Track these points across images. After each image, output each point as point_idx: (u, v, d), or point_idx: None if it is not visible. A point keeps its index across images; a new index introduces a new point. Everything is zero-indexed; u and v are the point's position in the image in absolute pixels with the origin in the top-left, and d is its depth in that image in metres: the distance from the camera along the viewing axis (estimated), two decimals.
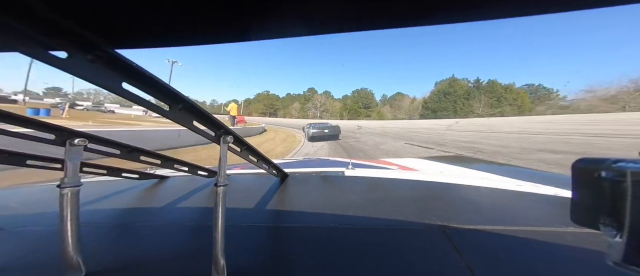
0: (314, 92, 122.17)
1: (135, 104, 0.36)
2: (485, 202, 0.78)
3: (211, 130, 0.48)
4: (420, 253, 0.50)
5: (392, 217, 0.64)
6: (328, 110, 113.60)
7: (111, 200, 0.84)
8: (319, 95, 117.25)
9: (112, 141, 0.55)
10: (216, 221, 0.42)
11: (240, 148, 0.60)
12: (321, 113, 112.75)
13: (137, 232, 0.62)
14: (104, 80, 0.28)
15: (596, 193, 0.23)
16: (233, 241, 0.53)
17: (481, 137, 14.40)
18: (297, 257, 0.49)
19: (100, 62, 0.26)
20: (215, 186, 0.44)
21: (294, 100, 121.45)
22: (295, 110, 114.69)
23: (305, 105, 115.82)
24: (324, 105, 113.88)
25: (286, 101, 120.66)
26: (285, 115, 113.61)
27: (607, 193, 0.22)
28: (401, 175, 1.14)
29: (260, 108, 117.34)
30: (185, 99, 0.38)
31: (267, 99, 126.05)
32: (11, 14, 0.20)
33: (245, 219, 0.66)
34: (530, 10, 0.22)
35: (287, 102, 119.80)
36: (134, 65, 0.29)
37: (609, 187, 0.22)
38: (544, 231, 0.56)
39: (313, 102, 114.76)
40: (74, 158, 0.42)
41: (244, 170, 1.29)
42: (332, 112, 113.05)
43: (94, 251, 0.52)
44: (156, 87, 0.34)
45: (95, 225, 0.65)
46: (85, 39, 0.25)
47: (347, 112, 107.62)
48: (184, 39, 0.28)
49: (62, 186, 0.39)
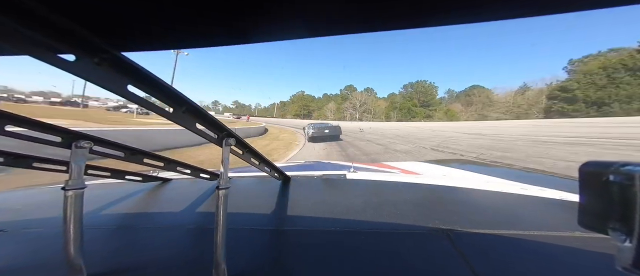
0: (352, 89, 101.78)
1: (141, 106, 0.36)
2: (490, 205, 0.77)
3: (213, 133, 0.47)
4: (424, 257, 0.49)
5: (394, 221, 0.64)
6: (370, 110, 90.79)
7: (114, 203, 0.83)
8: (358, 93, 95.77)
9: (116, 143, 0.55)
10: (218, 224, 0.42)
11: (242, 150, 0.59)
12: (361, 114, 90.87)
13: (139, 235, 0.63)
14: (110, 83, 0.28)
15: (604, 197, 0.22)
16: (234, 244, 0.54)
17: None
18: (299, 261, 0.49)
19: (106, 65, 0.27)
20: (217, 189, 0.44)
21: (329, 101, 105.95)
22: (331, 111, 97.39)
23: (342, 105, 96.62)
24: (364, 104, 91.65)
25: (322, 101, 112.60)
26: (319, 117, 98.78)
27: (616, 197, 0.21)
28: (403, 178, 1.11)
29: (295, 109, 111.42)
30: (189, 101, 0.38)
31: (301, 100, 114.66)
32: (20, 18, 0.20)
33: (247, 222, 0.66)
34: (532, 11, 0.22)
35: (322, 102, 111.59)
36: (139, 68, 0.29)
37: (617, 191, 0.21)
38: (550, 236, 0.54)
39: (351, 101, 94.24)
40: (79, 161, 0.42)
41: (246, 173, 1.24)
42: (375, 112, 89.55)
43: (97, 253, 0.53)
44: (160, 89, 0.34)
45: (98, 227, 0.66)
46: (92, 42, 0.25)
47: (397, 111, 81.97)
48: (189, 41, 0.29)
49: (66, 188, 0.39)
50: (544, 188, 0.85)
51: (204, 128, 0.44)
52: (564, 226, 0.58)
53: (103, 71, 0.27)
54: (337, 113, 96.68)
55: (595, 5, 0.21)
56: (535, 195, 0.81)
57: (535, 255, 0.48)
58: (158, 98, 0.35)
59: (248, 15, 0.23)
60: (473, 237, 0.54)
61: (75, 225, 0.39)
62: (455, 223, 0.60)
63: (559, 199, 0.77)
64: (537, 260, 0.47)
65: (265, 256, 0.51)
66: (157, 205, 0.83)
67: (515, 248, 0.51)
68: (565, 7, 0.22)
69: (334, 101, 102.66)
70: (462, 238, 0.54)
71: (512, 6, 0.22)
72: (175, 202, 0.83)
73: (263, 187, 0.97)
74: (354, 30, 0.25)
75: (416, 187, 0.96)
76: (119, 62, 0.28)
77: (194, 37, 0.28)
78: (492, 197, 0.82)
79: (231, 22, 0.24)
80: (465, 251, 0.49)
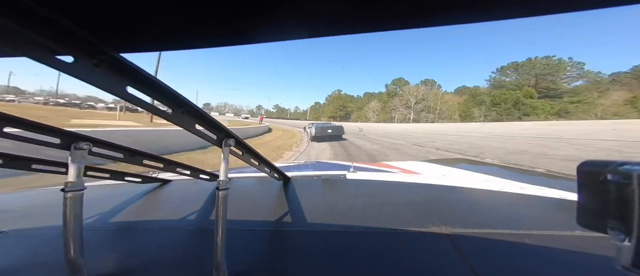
0: (403, 83, 74.88)
1: (139, 107, 0.36)
2: (489, 205, 0.77)
3: (213, 134, 0.47)
4: (424, 257, 0.49)
5: (394, 221, 0.64)
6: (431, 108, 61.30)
7: (114, 204, 0.83)
8: (412, 87, 67.85)
9: (115, 145, 0.54)
10: (218, 225, 0.43)
11: (242, 151, 0.59)
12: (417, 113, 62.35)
13: (139, 236, 0.63)
14: (109, 84, 0.28)
15: (602, 196, 0.22)
16: (234, 245, 0.54)
17: None
18: (299, 261, 0.50)
19: (105, 66, 0.27)
20: (216, 190, 0.44)
21: (372, 99, 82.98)
22: (374, 112, 73.02)
23: (389, 103, 70.29)
24: (423, 100, 62.79)
25: (362, 101, 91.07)
26: (358, 119, 77.19)
27: (614, 197, 0.21)
28: (403, 178, 1.10)
29: (330, 111, 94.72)
30: (188, 102, 0.38)
31: (337, 100, 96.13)
32: (18, 18, 0.20)
33: (247, 223, 0.67)
34: (534, 11, 0.21)
35: (363, 101, 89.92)
36: (138, 69, 0.29)
37: (615, 190, 0.21)
38: (549, 235, 0.55)
39: (402, 98, 66.89)
40: (78, 162, 0.41)
41: (245, 173, 1.24)
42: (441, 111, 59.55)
43: (97, 254, 0.53)
44: (159, 91, 0.33)
45: (98, 228, 0.67)
46: (90, 43, 0.25)
47: (488, 107, 49.78)
48: (189, 41, 0.28)
49: (66, 190, 0.39)
50: (542, 188, 0.85)
51: (203, 129, 0.44)
52: (563, 225, 0.58)
53: (102, 72, 0.27)
54: (382, 113, 71.72)
55: (595, 5, 0.21)
56: (535, 194, 0.80)
57: (535, 254, 0.48)
58: (157, 100, 0.35)
59: (248, 15, 0.23)
60: (474, 236, 0.54)
61: (75, 227, 0.39)
62: (454, 222, 0.60)
63: (558, 198, 0.76)
64: (537, 259, 0.47)
65: (265, 256, 0.52)
66: (156, 206, 0.83)
67: (515, 248, 0.50)
68: (565, 7, 0.22)
69: (378, 99, 78.88)
70: (461, 237, 0.54)
71: (516, 5, 0.21)
72: (175, 203, 0.85)
73: (263, 187, 0.97)
74: (354, 30, 0.25)
75: (416, 187, 0.95)
76: (117, 64, 0.27)
77: (193, 37, 0.27)
78: (491, 197, 0.82)
79: (231, 22, 0.24)
80: (465, 250, 0.49)
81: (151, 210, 0.79)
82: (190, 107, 0.39)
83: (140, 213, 0.77)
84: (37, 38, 0.22)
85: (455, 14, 0.22)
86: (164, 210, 0.78)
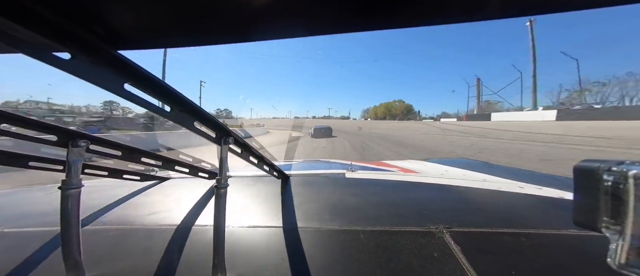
0: None
1: (137, 105, 0.35)
2: (487, 204, 0.78)
3: (212, 132, 0.47)
4: (423, 255, 0.50)
5: (393, 219, 0.64)
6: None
7: (112, 202, 0.83)
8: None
9: (113, 142, 0.54)
10: (216, 223, 0.43)
11: (241, 149, 0.59)
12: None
13: (137, 234, 0.63)
14: (106, 82, 0.28)
15: (598, 195, 0.22)
16: (234, 243, 0.54)
17: None
18: (297, 259, 0.50)
19: (102, 63, 0.27)
20: (215, 188, 0.45)
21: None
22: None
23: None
24: None
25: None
26: None
27: (609, 196, 0.22)
28: (402, 177, 1.12)
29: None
30: (187, 101, 0.37)
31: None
32: (15, 16, 0.20)
33: (246, 221, 0.67)
34: (535, 11, 0.22)
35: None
36: (136, 66, 0.29)
37: (610, 189, 0.21)
38: (547, 234, 0.56)
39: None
40: (75, 160, 0.41)
41: (244, 172, 1.24)
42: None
43: (95, 252, 0.53)
44: (158, 89, 0.33)
45: (96, 226, 0.66)
46: (88, 41, 0.25)
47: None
48: (187, 39, 0.28)
49: (63, 188, 0.39)
50: (541, 187, 0.87)
51: (203, 127, 0.44)
52: (561, 224, 0.60)
53: (99, 70, 0.26)
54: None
55: (595, 5, 0.21)
56: (533, 193, 0.82)
57: (532, 252, 0.50)
58: (155, 98, 0.34)
59: (248, 15, 0.23)
60: (471, 235, 0.55)
61: (73, 225, 0.39)
62: (453, 221, 0.61)
63: (555, 197, 0.78)
64: (534, 257, 0.48)
65: (263, 254, 0.52)
66: (155, 204, 0.82)
67: (512, 246, 0.52)
68: (564, 7, 0.22)
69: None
70: (460, 235, 0.55)
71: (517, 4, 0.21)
72: (173, 201, 0.83)
73: (262, 185, 0.97)
74: (354, 30, 0.25)
75: (415, 186, 0.96)
76: (115, 61, 0.27)
77: (192, 35, 0.27)
78: (489, 195, 0.83)
79: (230, 20, 0.24)
80: (464, 248, 0.50)
81: (150, 208, 0.78)
82: (189, 105, 0.38)
83: (139, 211, 0.76)
84: (34, 35, 0.21)
85: (455, 13, 0.22)
86: (163, 208, 0.77)
